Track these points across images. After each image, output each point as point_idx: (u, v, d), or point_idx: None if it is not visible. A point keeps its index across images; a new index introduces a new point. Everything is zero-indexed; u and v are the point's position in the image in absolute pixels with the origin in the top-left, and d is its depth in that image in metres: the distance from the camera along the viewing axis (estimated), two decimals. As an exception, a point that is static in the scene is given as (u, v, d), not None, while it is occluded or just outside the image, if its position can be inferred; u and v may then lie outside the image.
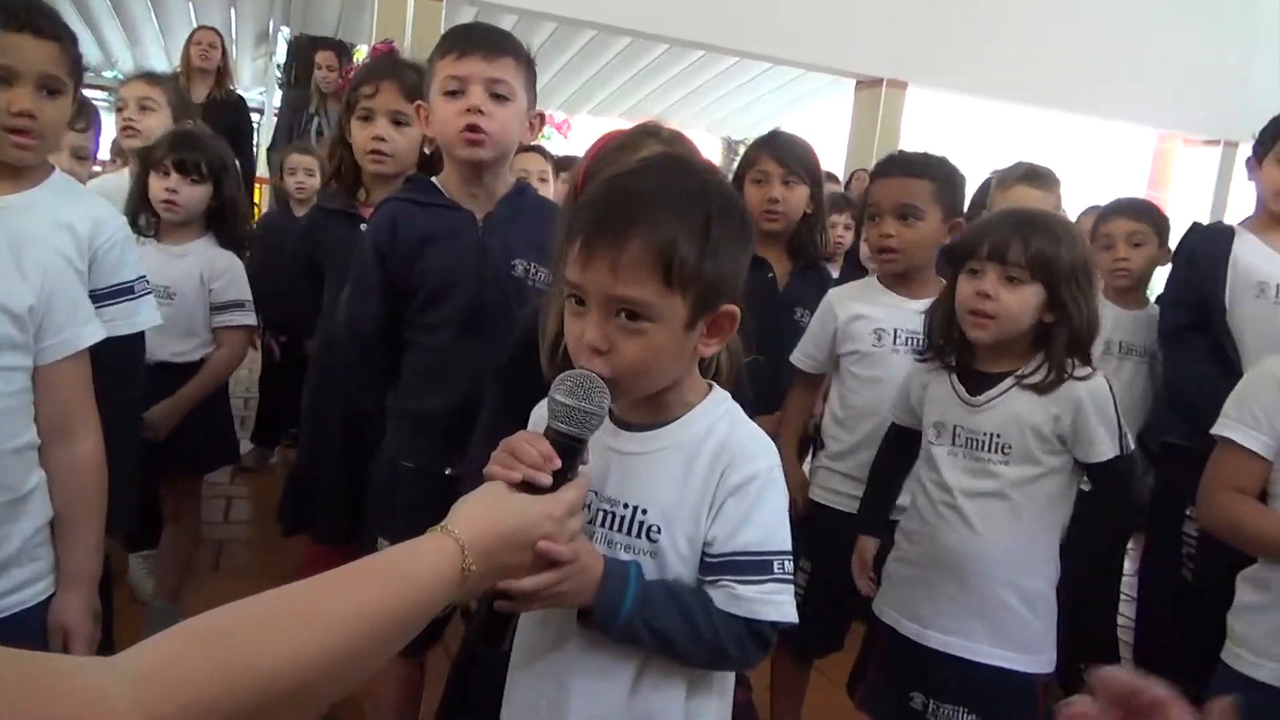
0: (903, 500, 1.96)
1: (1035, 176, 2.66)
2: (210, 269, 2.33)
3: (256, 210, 7.17)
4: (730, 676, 1.10)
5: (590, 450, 0.95)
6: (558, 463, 0.89)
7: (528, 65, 1.64)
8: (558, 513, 0.88)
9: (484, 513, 0.84)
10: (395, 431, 1.74)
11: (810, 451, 2.32)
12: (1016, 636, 1.59)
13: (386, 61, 2.12)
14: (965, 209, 2.09)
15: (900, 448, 1.85)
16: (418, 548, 0.79)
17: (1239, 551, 1.57)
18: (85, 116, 2.14)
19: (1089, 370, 1.60)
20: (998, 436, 1.60)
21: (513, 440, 0.91)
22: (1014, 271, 1.56)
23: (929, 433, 1.70)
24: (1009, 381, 1.61)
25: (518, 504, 0.86)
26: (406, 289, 1.66)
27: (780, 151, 2.24)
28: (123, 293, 1.57)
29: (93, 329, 1.28)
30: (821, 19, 6.15)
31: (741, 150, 8.66)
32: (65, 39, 1.44)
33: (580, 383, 0.91)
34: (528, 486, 0.88)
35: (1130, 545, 2.84)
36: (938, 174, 1.97)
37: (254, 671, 0.61)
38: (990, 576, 1.58)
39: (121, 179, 2.59)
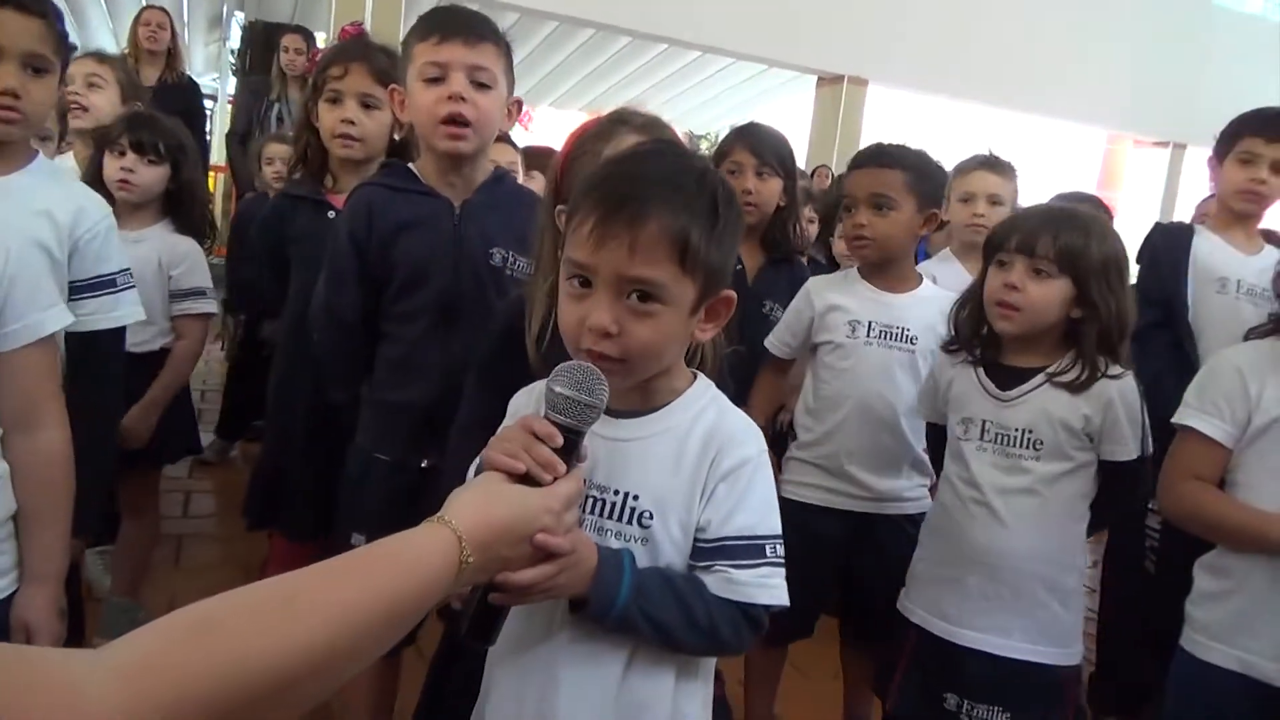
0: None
1: (994, 163, 2.70)
2: (170, 255, 2.26)
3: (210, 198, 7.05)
4: (713, 663, 1.10)
5: (587, 445, 0.94)
6: (559, 440, 0.88)
7: (507, 51, 1.61)
8: (555, 506, 0.87)
9: (482, 504, 0.83)
10: (369, 423, 1.70)
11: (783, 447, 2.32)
12: (1049, 630, 1.60)
13: (357, 43, 2.06)
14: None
15: (939, 444, 1.82)
16: (413, 539, 0.77)
17: (1201, 542, 1.60)
18: None
19: (1120, 369, 1.60)
20: (1029, 432, 1.59)
21: (534, 425, 0.90)
22: (1041, 265, 1.57)
23: (956, 428, 1.69)
24: (1040, 378, 1.61)
25: (516, 496, 0.85)
26: (381, 277, 1.62)
27: (755, 143, 2.24)
28: (104, 285, 1.50)
29: (55, 314, 1.23)
30: (784, 16, 6.19)
31: (703, 146, 8.69)
32: (50, 16, 1.37)
33: (580, 375, 0.90)
34: (527, 479, 0.87)
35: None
36: (912, 165, 1.97)
37: (243, 666, 0.58)
38: (1022, 572, 1.59)
39: (65, 162, 2.49)
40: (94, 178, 2.17)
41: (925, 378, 1.86)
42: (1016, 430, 1.60)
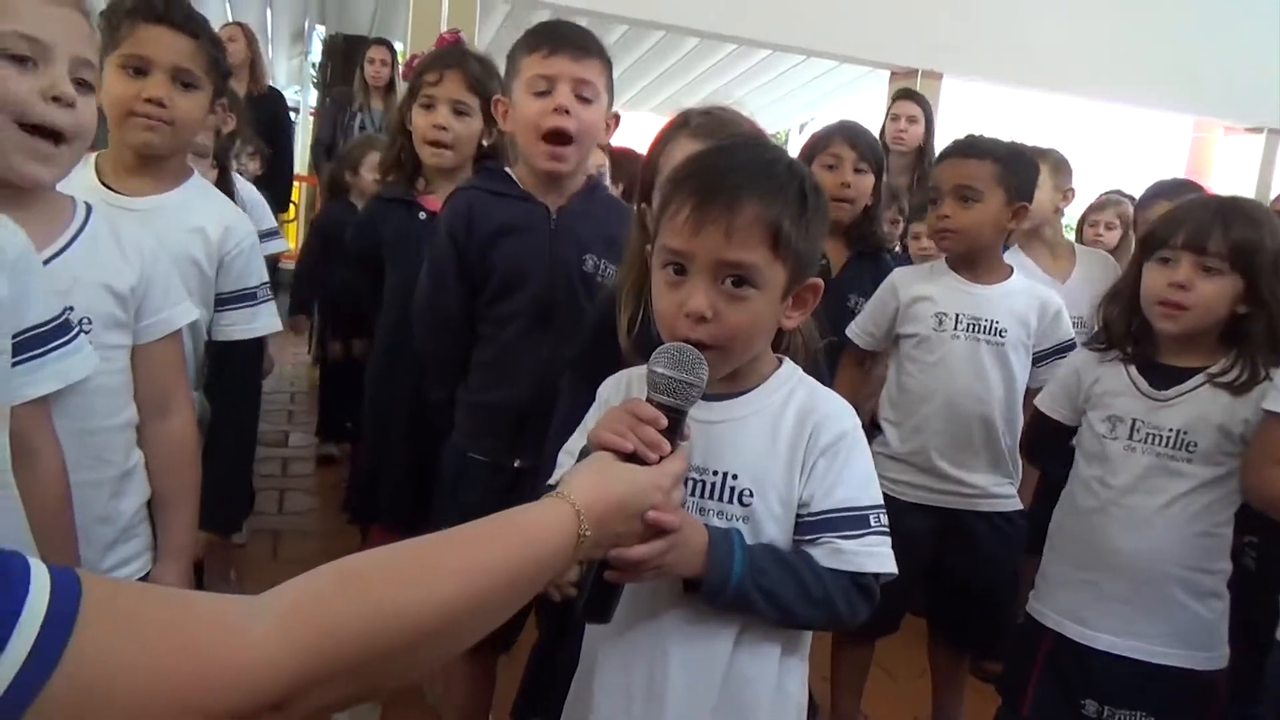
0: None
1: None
2: (247, 201, 2.37)
3: (294, 208, 7.29)
4: (809, 640, 1.11)
5: (690, 424, 0.97)
6: (664, 422, 0.91)
7: (609, 66, 1.65)
8: (665, 484, 0.90)
9: (596, 481, 0.86)
10: (464, 423, 1.75)
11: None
12: (1192, 634, 1.54)
13: (453, 51, 2.12)
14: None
15: (1053, 442, 1.79)
16: (535, 511, 0.81)
17: None
18: None
19: None
20: (1184, 434, 1.52)
21: (638, 408, 0.93)
22: (1212, 261, 1.49)
23: (1100, 426, 1.63)
24: (1200, 378, 1.54)
25: (627, 473, 0.88)
26: (479, 279, 1.67)
27: (854, 137, 2.29)
28: (245, 298, 1.59)
29: (183, 310, 1.31)
30: (855, 10, 6.13)
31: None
32: (204, 37, 1.46)
33: (680, 354, 0.93)
34: (634, 457, 0.90)
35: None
36: (1000, 156, 1.95)
37: (385, 614, 0.62)
38: (1165, 575, 1.53)
39: None
40: None
41: (1062, 375, 1.78)
42: (1170, 431, 1.53)
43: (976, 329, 1.97)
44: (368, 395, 2.16)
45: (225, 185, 2.41)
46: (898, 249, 3.26)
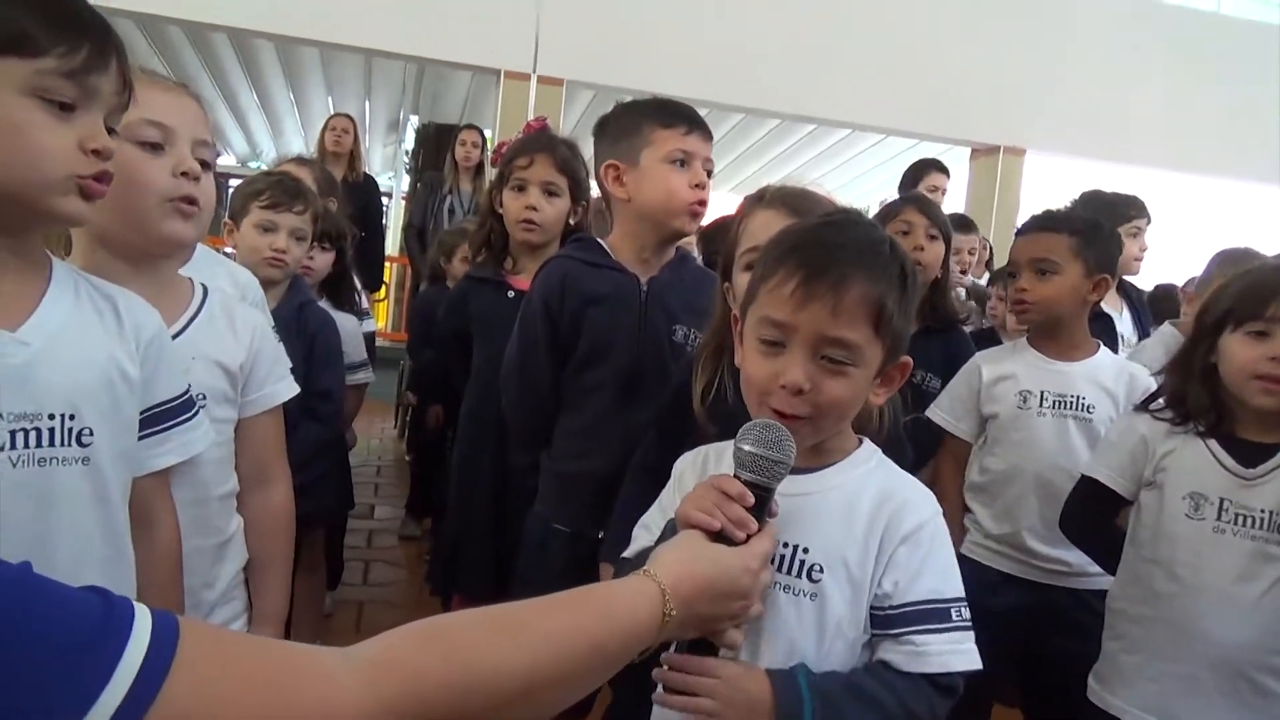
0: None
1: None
2: (343, 333, 2.46)
3: (385, 288, 7.58)
4: None
5: (777, 501, 0.97)
6: (750, 500, 0.91)
7: None
8: (753, 564, 0.90)
9: (683, 560, 0.86)
10: (548, 493, 1.76)
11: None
12: None
13: (543, 136, 2.24)
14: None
15: (1101, 513, 1.71)
16: (622, 587, 0.82)
17: None
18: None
19: None
20: (1277, 515, 1.43)
21: (725, 484, 0.93)
22: None
23: (1179, 504, 1.53)
24: None
25: (714, 553, 0.88)
26: (568, 346, 1.70)
27: (925, 206, 2.30)
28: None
29: (287, 385, 1.38)
30: (934, 89, 6.17)
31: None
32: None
33: (767, 432, 0.93)
34: (721, 536, 0.90)
35: None
36: (1077, 228, 1.93)
37: (468, 670, 0.64)
38: (1265, 666, 1.43)
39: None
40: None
41: (1126, 443, 1.67)
42: (1263, 513, 1.43)
43: (1063, 405, 1.93)
44: (454, 466, 2.22)
45: (344, 282, 2.65)
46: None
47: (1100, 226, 1.99)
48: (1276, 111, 6.39)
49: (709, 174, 1.68)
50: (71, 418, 0.91)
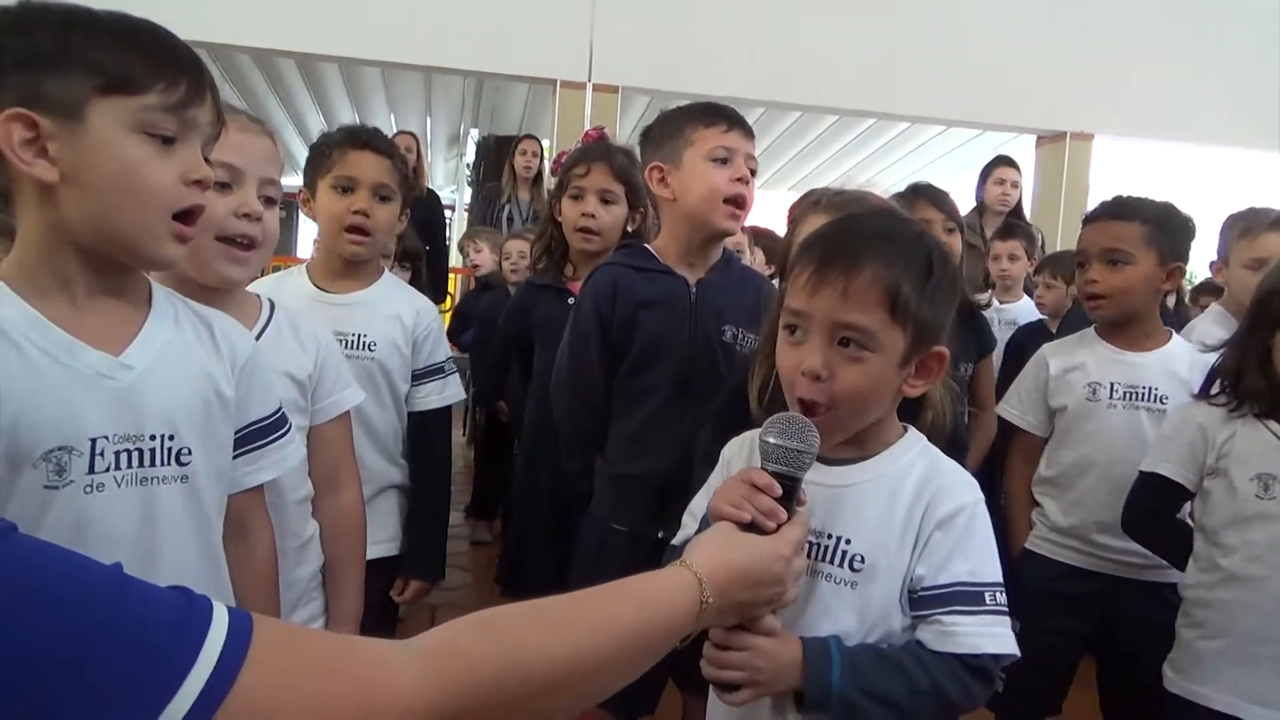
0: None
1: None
2: None
3: (450, 299, 7.72)
4: None
5: (805, 490, 0.98)
6: (778, 490, 0.93)
7: None
8: (786, 551, 0.92)
9: (718, 550, 0.89)
10: (605, 495, 1.78)
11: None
12: None
13: (599, 145, 2.27)
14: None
15: (1165, 507, 1.70)
16: (659, 576, 0.85)
17: None
18: None
19: None
20: None
21: (752, 477, 0.95)
22: None
23: (1250, 487, 1.53)
24: None
25: (748, 543, 0.91)
26: (620, 351, 1.72)
27: (938, 200, 2.28)
28: (436, 372, 1.83)
29: (353, 393, 1.44)
30: (995, 77, 6.04)
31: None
32: (396, 157, 1.75)
33: (789, 423, 0.95)
34: (753, 526, 0.92)
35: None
36: (1148, 216, 1.89)
37: (516, 660, 0.67)
38: None
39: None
40: None
41: (1183, 434, 1.67)
42: None
43: (1134, 397, 1.89)
44: (519, 470, 2.26)
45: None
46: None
47: (1174, 214, 1.93)
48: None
49: (753, 172, 1.69)
50: (171, 438, 0.96)
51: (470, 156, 8.80)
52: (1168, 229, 1.89)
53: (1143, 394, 1.88)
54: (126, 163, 0.88)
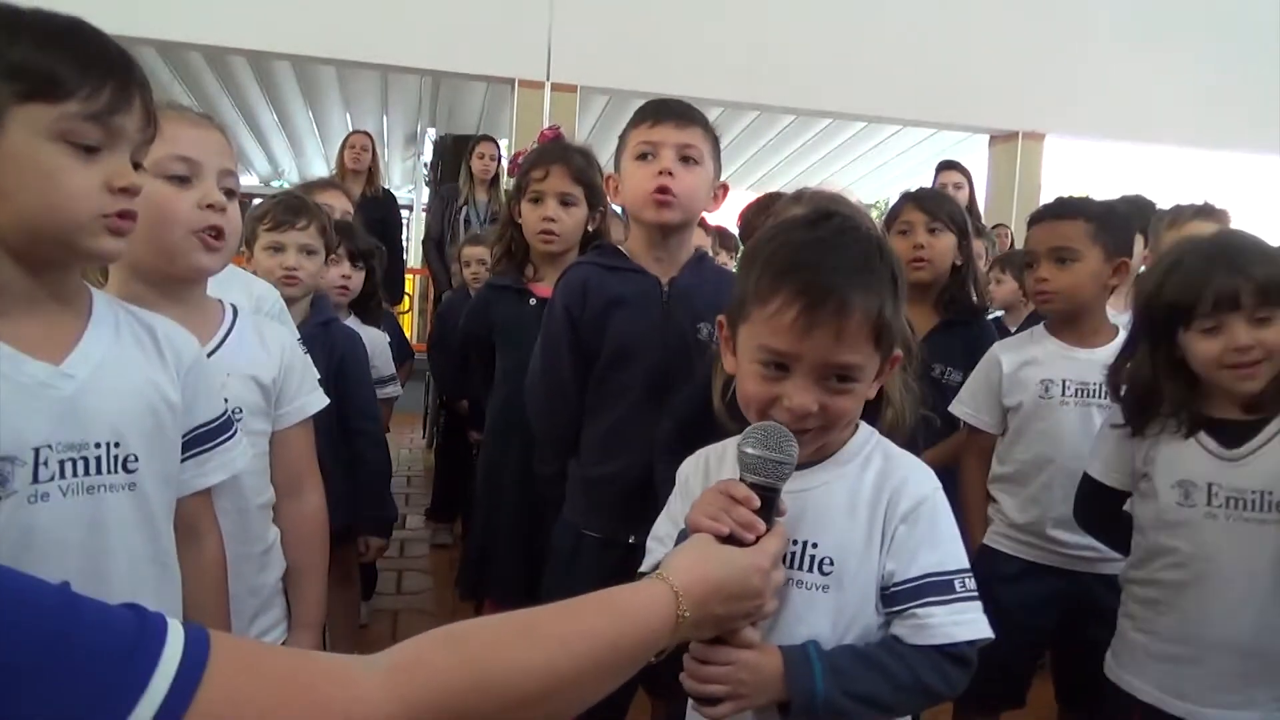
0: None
1: (1209, 212, 2.53)
2: (371, 348, 2.53)
3: (408, 299, 7.66)
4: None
5: (785, 500, 0.98)
6: (757, 503, 0.93)
7: (714, 139, 1.71)
8: (764, 564, 0.91)
9: (696, 563, 0.88)
10: (576, 499, 1.76)
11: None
12: None
13: (556, 147, 2.27)
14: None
15: (1106, 506, 1.70)
16: (636, 591, 0.83)
17: None
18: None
19: None
20: (1269, 494, 1.42)
21: (731, 489, 0.95)
22: (1261, 312, 1.41)
23: (1171, 494, 1.50)
24: (1272, 427, 1.44)
25: (726, 555, 0.90)
26: (591, 351, 1.71)
27: (924, 202, 2.27)
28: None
29: (317, 397, 1.42)
30: (949, 77, 6.13)
31: (874, 214, 8.66)
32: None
33: (768, 434, 0.95)
34: (732, 539, 0.92)
35: None
36: (1092, 214, 1.92)
37: (485, 675, 0.66)
38: (1274, 646, 1.42)
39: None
40: None
41: (1113, 436, 1.64)
42: (1253, 493, 1.42)
43: (1085, 393, 1.92)
44: (479, 474, 2.25)
45: (372, 299, 2.76)
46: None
47: (1116, 209, 1.98)
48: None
49: (692, 159, 1.65)
50: (117, 445, 0.94)
51: (428, 156, 8.73)
52: (1111, 226, 1.93)
53: (1093, 390, 1.91)
54: (46, 172, 0.86)
